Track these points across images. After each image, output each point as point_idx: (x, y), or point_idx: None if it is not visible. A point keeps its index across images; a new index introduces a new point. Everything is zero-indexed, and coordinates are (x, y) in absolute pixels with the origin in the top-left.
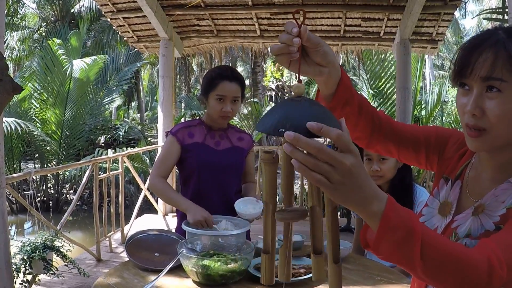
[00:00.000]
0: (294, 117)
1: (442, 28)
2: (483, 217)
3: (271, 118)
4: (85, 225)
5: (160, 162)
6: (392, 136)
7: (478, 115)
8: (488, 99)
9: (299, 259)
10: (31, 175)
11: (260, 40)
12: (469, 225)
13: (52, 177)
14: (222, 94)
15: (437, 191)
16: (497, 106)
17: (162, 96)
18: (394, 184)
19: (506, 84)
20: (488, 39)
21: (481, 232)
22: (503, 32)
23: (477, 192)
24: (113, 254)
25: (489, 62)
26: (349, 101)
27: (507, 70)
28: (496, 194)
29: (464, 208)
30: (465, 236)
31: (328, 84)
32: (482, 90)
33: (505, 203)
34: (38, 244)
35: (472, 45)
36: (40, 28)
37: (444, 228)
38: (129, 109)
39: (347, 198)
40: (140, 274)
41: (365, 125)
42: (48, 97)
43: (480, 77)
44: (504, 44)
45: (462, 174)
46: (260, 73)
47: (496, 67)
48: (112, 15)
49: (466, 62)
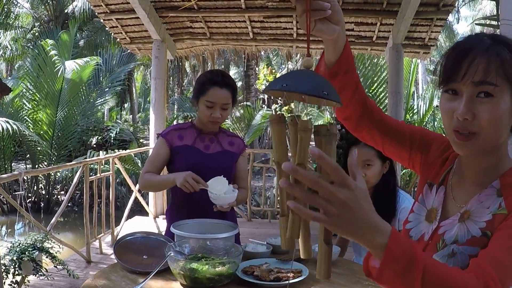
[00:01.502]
0: (301, 81)
1: (434, 33)
2: (469, 223)
3: (281, 80)
4: (76, 226)
5: (149, 163)
6: (379, 125)
7: (470, 119)
8: (480, 104)
9: (288, 263)
10: (22, 175)
11: (253, 43)
12: (456, 231)
13: (43, 178)
14: (212, 101)
15: (422, 198)
16: (488, 110)
17: (154, 98)
18: (377, 190)
19: (498, 88)
20: (477, 45)
21: (468, 238)
22: (489, 38)
23: (460, 197)
24: (103, 256)
25: (482, 67)
26: (349, 71)
27: (499, 76)
28: (480, 200)
29: (449, 213)
30: (452, 243)
31: (336, 46)
32: (473, 95)
33: (490, 208)
34: (27, 245)
35: (461, 51)
36: (33, 28)
37: (431, 234)
38: (121, 111)
39: (346, 230)
40: (128, 276)
41: (356, 105)
42: (40, 98)
43: (473, 82)
44: (496, 50)
45: (445, 180)
46: (253, 76)
47: (490, 72)
48: (105, 16)
49: (457, 67)
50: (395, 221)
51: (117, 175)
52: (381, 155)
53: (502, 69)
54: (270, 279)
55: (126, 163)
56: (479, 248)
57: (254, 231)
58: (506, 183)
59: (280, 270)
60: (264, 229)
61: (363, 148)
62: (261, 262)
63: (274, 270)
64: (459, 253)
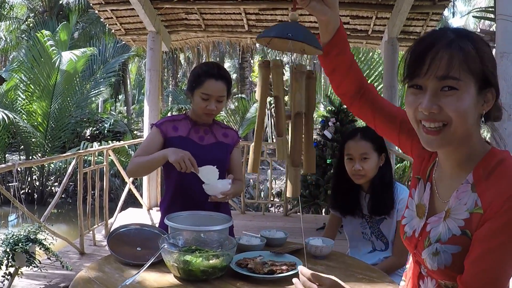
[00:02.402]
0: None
1: (430, 27)
2: (449, 221)
3: (274, 29)
4: (70, 218)
5: (141, 150)
6: (373, 105)
7: (436, 111)
8: (445, 97)
9: (282, 256)
10: (15, 166)
11: (248, 36)
12: (440, 229)
13: (37, 169)
14: (207, 93)
15: (413, 193)
16: (454, 102)
17: (148, 89)
18: (374, 182)
19: (462, 82)
20: (439, 39)
21: (449, 237)
22: (452, 32)
23: (443, 193)
24: (96, 248)
25: (445, 62)
26: (341, 53)
27: (463, 70)
28: (458, 197)
29: (436, 210)
30: (435, 241)
31: (328, 28)
32: (437, 89)
33: (467, 205)
34: (21, 236)
35: (424, 46)
36: (28, 19)
37: (420, 231)
38: (116, 102)
39: None
40: (122, 268)
41: (351, 83)
42: (34, 89)
43: (436, 76)
44: (458, 44)
45: (430, 175)
46: (248, 69)
47: (453, 67)
48: (100, 7)
49: (420, 62)
50: (394, 212)
51: (110, 167)
52: (377, 148)
53: (465, 63)
54: (264, 272)
55: (120, 154)
56: (461, 247)
57: (248, 224)
58: (479, 176)
59: (274, 263)
60: (257, 222)
61: (359, 142)
62: (255, 255)
63: (268, 263)
64: (442, 252)
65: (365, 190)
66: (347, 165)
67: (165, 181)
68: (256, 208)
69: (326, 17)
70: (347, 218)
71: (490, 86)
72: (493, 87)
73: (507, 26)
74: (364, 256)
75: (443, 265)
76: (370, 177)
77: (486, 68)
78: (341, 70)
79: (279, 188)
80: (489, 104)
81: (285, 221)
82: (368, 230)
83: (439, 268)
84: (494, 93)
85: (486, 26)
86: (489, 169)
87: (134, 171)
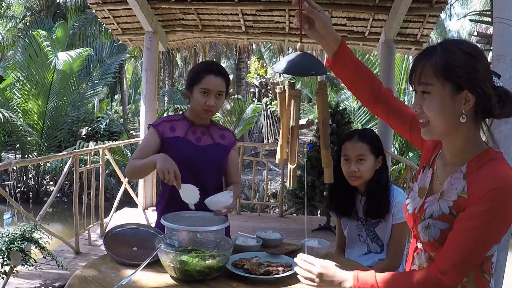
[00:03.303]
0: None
1: (427, 30)
2: (441, 201)
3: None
4: (65, 217)
5: (139, 151)
6: (388, 107)
7: (419, 111)
8: (423, 99)
9: (278, 257)
10: (11, 165)
11: (245, 36)
12: (434, 208)
13: (32, 168)
14: (207, 88)
15: (418, 178)
16: (427, 103)
17: (145, 89)
18: (370, 185)
19: (431, 86)
20: (425, 53)
21: (439, 214)
22: (440, 47)
23: (441, 177)
24: (92, 247)
25: (420, 70)
26: (345, 66)
27: (430, 76)
28: (451, 182)
29: (433, 191)
30: (429, 217)
31: (327, 47)
32: (420, 93)
33: (457, 190)
34: (16, 235)
35: (415, 59)
36: (25, 18)
37: (419, 208)
38: (112, 102)
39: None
40: (118, 268)
41: (361, 89)
42: (30, 88)
43: (416, 83)
44: (434, 56)
45: (433, 163)
46: (244, 70)
47: (423, 75)
48: (98, 6)
49: (411, 71)
50: (389, 215)
51: (106, 166)
52: (374, 150)
53: (434, 71)
54: (260, 273)
55: (116, 154)
56: (448, 224)
57: (244, 225)
58: (471, 169)
59: (270, 263)
60: (253, 223)
61: (356, 143)
62: (251, 256)
63: (264, 264)
64: (432, 226)
65: (361, 192)
66: (343, 166)
67: (162, 182)
68: (252, 209)
69: (323, 41)
70: (343, 220)
71: (463, 89)
72: (467, 89)
73: (504, 29)
74: (359, 258)
75: (432, 238)
76: (366, 179)
77: (456, 74)
78: (346, 79)
79: (274, 189)
80: (469, 103)
81: (281, 222)
82: (364, 232)
83: (429, 240)
84: (471, 95)
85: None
86: (480, 164)
87: (130, 174)
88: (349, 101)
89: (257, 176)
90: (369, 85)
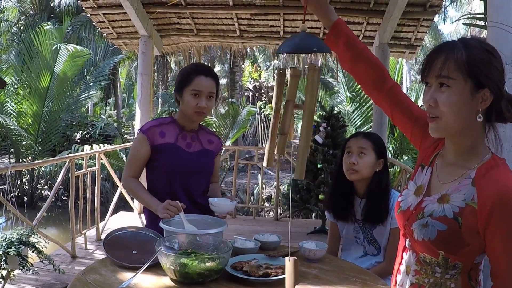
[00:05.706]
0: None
1: (420, 33)
2: (446, 205)
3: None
4: (60, 222)
5: (131, 162)
6: (392, 100)
7: (433, 105)
8: (441, 93)
9: (275, 259)
10: (8, 169)
11: (239, 40)
12: (434, 207)
13: (27, 172)
14: (198, 89)
15: (415, 177)
16: (446, 97)
17: (140, 94)
18: (371, 188)
19: (453, 81)
20: (444, 46)
21: (441, 216)
22: (461, 42)
23: (443, 177)
24: (87, 251)
25: (440, 63)
26: (338, 34)
27: (453, 69)
28: (459, 188)
29: (432, 190)
30: (428, 215)
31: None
32: (437, 86)
33: (465, 196)
34: (13, 239)
35: (433, 51)
36: (19, 22)
37: (416, 206)
38: (106, 106)
39: None
40: (118, 271)
41: (365, 77)
42: (25, 91)
43: (435, 75)
44: (455, 50)
45: (433, 162)
46: (238, 73)
47: (445, 67)
48: (93, 10)
49: (427, 64)
50: (389, 219)
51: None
52: (376, 149)
53: (457, 65)
54: (259, 275)
55: (111, 158)
56: (447, 227)
57: (239, 228)
58: (480, 174)
59: (269, 265)
60: (248, 226)
61: (361, 139)
62: (250, 258)
63: (263, 266)
64: (430, 225)
65: (361, 195)
66: (344, 160)
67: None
68: (247, 213)
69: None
70: (340, 222)
71: (484, 86)
72: (488, 88)
73: (498, 33)
74: (356, 260)
75: (428, 237)
76: (363, 176)
77: (480, 71)
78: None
79: (269, 192)
80: (486, 102)
81: (276, 225)
82: (361, 235)
83: (423, 239)
84: (489, 93)
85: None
86: (488, 169)
87: (128, 193)
88: (343, 105)
89: (252, 179)
90: (373, 73)
